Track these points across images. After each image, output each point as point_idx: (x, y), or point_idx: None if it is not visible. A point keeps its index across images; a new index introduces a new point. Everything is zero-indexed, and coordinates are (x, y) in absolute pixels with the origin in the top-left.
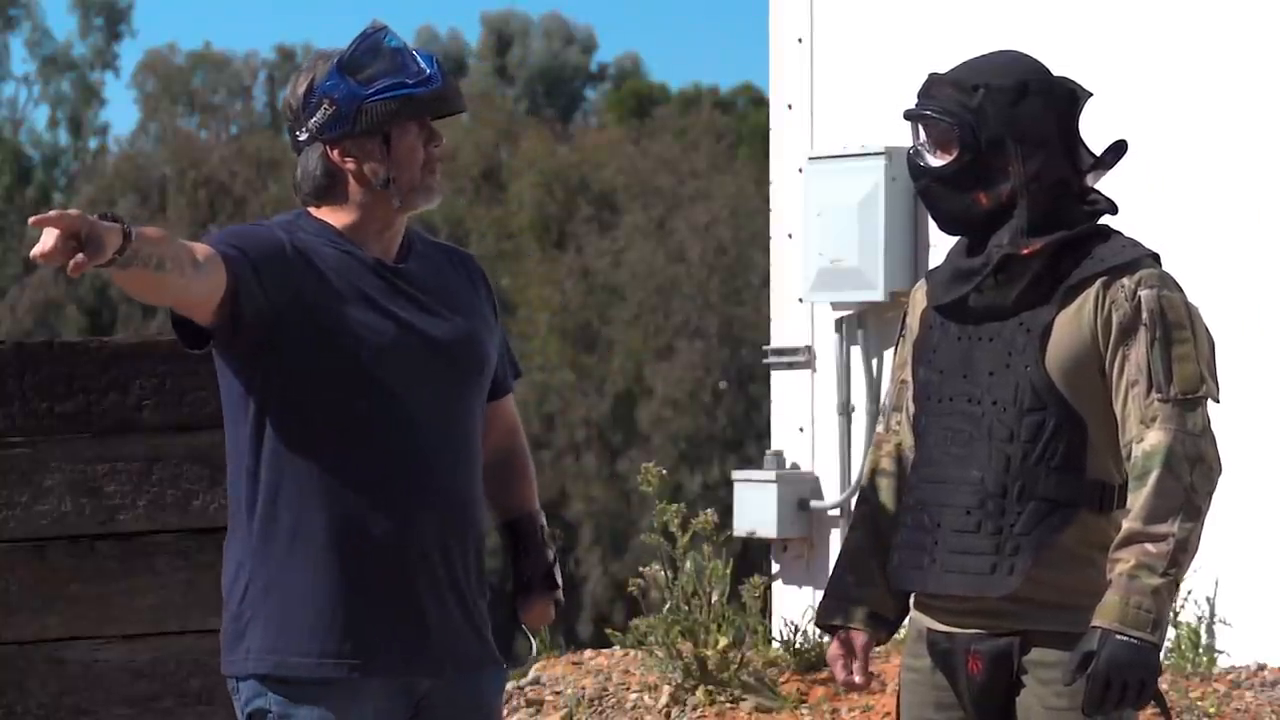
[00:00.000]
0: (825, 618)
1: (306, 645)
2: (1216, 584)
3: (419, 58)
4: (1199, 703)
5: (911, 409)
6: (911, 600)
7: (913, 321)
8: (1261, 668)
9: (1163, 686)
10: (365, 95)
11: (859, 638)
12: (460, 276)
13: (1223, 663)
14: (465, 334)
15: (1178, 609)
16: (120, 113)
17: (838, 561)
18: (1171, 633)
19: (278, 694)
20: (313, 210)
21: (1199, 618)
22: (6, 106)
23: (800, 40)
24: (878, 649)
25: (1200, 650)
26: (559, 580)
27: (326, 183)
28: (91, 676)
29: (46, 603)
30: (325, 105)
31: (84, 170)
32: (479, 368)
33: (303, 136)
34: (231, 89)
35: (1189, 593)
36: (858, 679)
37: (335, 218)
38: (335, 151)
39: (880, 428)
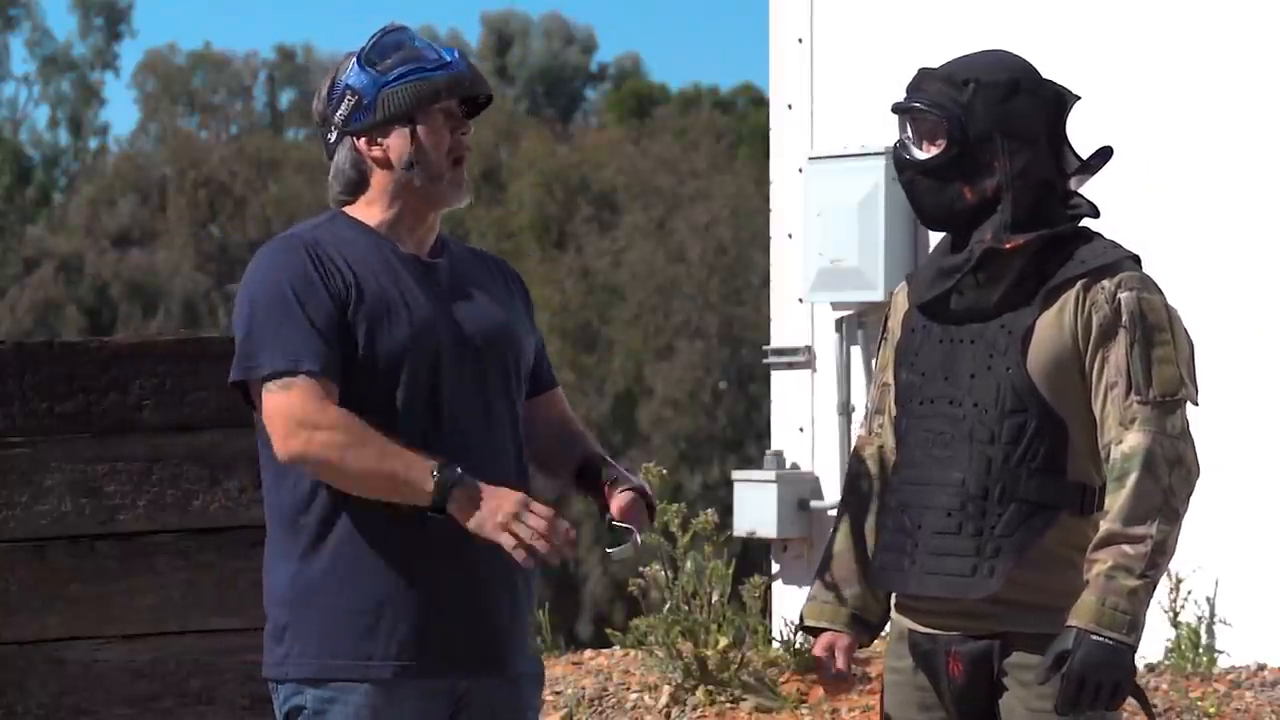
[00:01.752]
0: (808, 619)
1: (348, 646)
2: (1216, 584)
3: (439, 49)
4: (1199, 703)
5: (894, 411)
6: (893, 601)
7: (894, 324)
8: (1261, 668)
9: (1163, 686)
10: (385, 82)
11: (841, 639)
12: (496, 280)
13: (1223, 663)
14: (501, 326)
15: (1178, 609)
16: (120, 113)
17: (820, 563)
18: (1171, 633)
19: (315, 690)
20: (347, 210)
21: (1199, 618)
22: (6, 106)
23: (800, 40)
24: (865, 650)
25: (1200, 650)
26: (645, 485)
27: (355, 176)
28: (91, 676)
29: (46, 603)
30: (348, 97)
31: (84, 170)
32: (515, 360)
33: (332, 136)
34: (231, 89)
35: (1189, 593)
36: (841, 681)
37: (369, 215)
38: (362, 141)
39: (862, 430)
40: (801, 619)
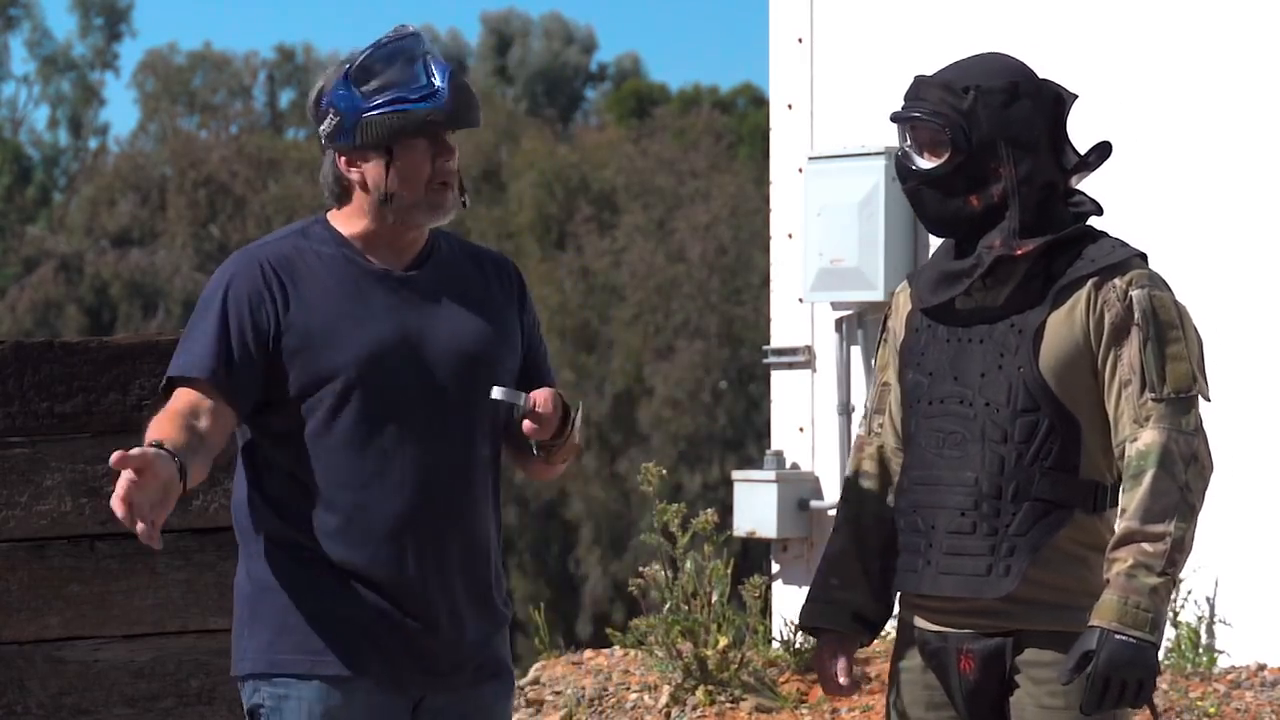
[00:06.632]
0: (808, 620)
1: (298, 641)
2: (1216, 584)
3: (433, 70)
4: (1199, 703)
5: (895, 411)
6: (899, 600)
7: (895, 325)
8: (1261, 668)
9: (1162, 686)
10: (365, 109)
11: (843, 640)
12: (490, 284)
13: (1223, 663)
14: (476, 339)
15: (1178, 609)
16: (120, 113)
17: (820, 564)
18: (1171, 632)
19: (269, 687)
20: (331, 215)
21: (1199, 618)
22: (6, 106)
23: (800, 40)
24: (865, 650)
25: (1200, 650)
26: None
27: (338, 189)
28: (91, 676)
29: (46, 603)
30: (331, 114)
31: (84, 170)
32: (486, 373)
33: (322, 141)
34: (231, 89)
35: (1189, 593)
36: (842, 680)
37: (348, 225)
38: (342, 160)
39: (862, 430)
40: (802, 619)
